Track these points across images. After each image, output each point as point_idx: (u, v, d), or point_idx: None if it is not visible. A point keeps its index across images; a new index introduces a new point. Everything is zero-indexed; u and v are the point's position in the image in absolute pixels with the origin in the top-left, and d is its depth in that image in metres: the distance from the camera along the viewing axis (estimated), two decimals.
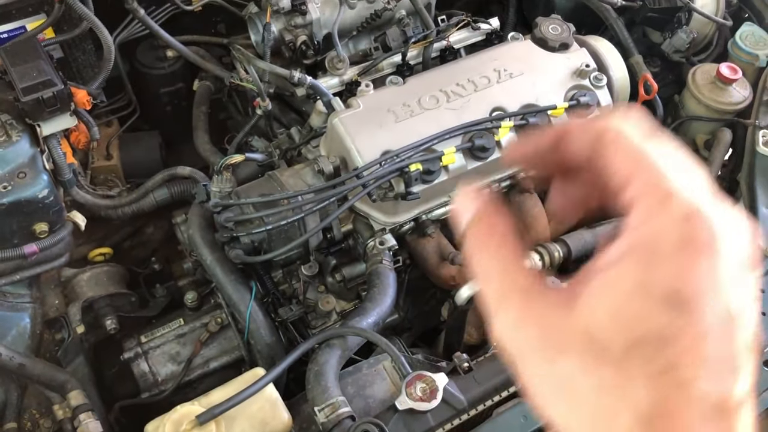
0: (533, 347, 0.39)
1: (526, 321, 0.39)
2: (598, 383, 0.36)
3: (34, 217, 1.44)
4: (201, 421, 1.14)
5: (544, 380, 0.39)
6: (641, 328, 0.36)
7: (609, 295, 0.37)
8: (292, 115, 1.80)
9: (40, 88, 1.41)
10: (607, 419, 0.36)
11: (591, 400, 0.37)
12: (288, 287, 1.59)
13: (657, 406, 0.35)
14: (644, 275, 0.36)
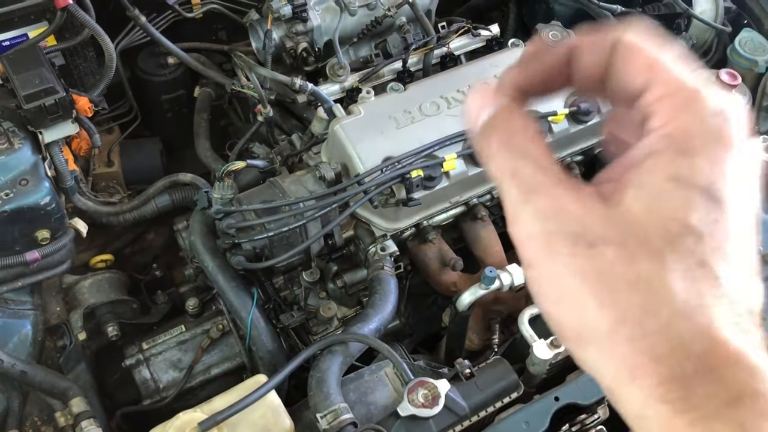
0: (566, 236, 0.37)
1: (560, 209, 0.38)
2: (635, 276, 0.36)
3: (36, 224, 1.44)
4: (203, 429, 1.14)
5: (575, 273, 0.37)
6: (681, 221, 0.36)
7: (647, 188, 0.37)
8: (293, 122, 1.81)
9: (42, 96, 1.42)
10: (641, 315, 0.35)
11: (626, 294, 0.36)
12: (289, 293, 1.59)
13: (691, 302, 0.35)
14: (681, 168, 0.36)
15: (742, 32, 1.90)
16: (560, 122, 1.56)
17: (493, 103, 0.42)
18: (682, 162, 0.37)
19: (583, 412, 1.26)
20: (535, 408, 1.25)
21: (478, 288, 1.40)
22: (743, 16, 2.01)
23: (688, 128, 0.37)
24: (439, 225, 1.58)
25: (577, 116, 1.58)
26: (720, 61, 1.98)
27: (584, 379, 1.29)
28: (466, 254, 1.60)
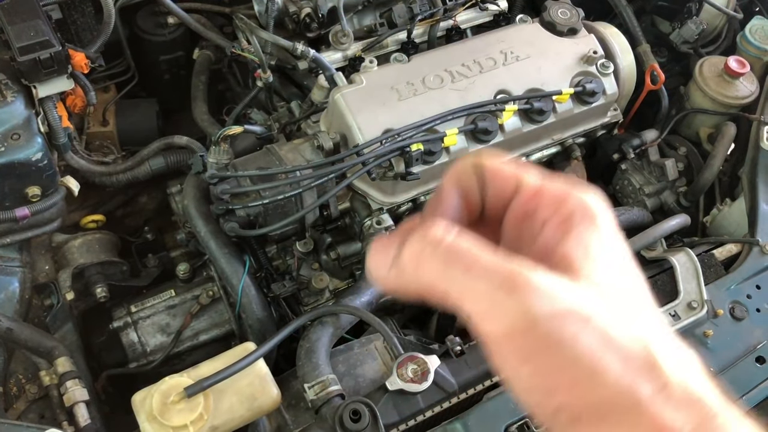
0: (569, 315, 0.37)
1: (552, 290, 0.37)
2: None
3: (27, 180, 1.42)
4: (189, 394, 1.13)
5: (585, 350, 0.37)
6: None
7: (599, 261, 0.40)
8: (292, 89, 1.77)
9: (37, 49, 1.38)
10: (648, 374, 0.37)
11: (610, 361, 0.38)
12: (282, 263, 1.58)
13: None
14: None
15: (753, 20, 1.87)
16: (565, 102, 1.53)
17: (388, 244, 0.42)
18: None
19: None
20: None
21: None
22: (755, 4, 1.98)
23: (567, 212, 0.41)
24: None
25: (582, 97, 1.55)
26: (729, 48, 1.95)
27: None
28: None
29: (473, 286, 0.37)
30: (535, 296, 0.36)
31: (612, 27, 1.75)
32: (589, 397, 0.36)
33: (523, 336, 0.36)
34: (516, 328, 0.36)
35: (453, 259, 0.38)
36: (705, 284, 1.43)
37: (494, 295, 0.37)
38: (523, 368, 0.37)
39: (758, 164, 1.64)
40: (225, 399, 1.17)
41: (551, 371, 0.36)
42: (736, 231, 1.65)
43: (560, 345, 0.36)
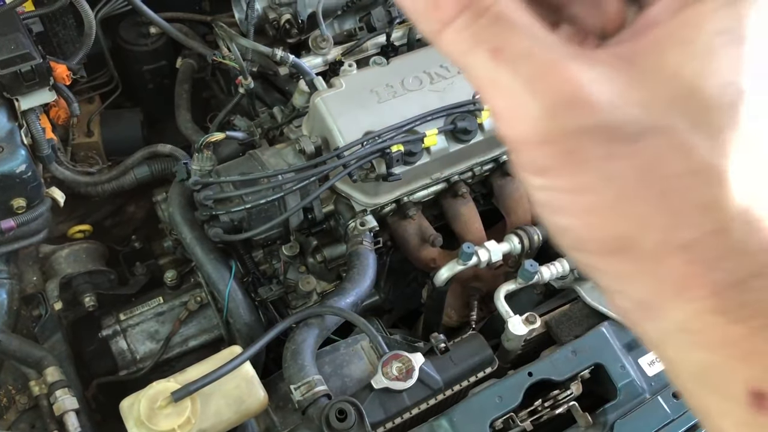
0: (597, 134, 0.28)
1: (585, 99, 0.28)
2: (693, 169, 0.28)
3: (12, 192, 1.43)
4: (176, 398, 1.14)
5: (613, 179, 0.29)
6: (737, 85, 0.28)
7: (695, 45, 0.28)
8: (275, 95, 1.79)
9: (18, 62, 1.39)
10: (698, 216, 0.29)
11: (680, 193, 0.28)
12: (269, 267, 1.59)
13: (751, 190, 0.29)
14: (728, 19, 0.28)
15: None
16: None
17: None
18: (728, 11, 0.28)
19: (556, 387, 1.27)
20: (509, 383, 1.25)
21: (456, 264, 1.40)
22: None
23: None
24: (420, 201, 1.57)
25: None
26: None
27: (558, 355, 1.30)
28: (447, 231, 1.60)
29: (495, 77, 0.29)
30: (566, 100, 0.28)
31: None
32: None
33: (535, 150, 0.29)
34: (531, 139, 0.29)
35: (483, 36, 0.29)
36: None
37: (516, 93, 0.29)
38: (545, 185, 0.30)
39: None
40: (212, 402, 1.18)
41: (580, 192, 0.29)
42: None
43: (583, 167, 0.29)
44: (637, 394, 1.28)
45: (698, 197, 0.28)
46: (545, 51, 0.28)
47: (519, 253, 1.47)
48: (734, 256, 0.28)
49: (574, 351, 1.30)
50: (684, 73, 0.28)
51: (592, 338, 1.32)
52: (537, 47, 0.28)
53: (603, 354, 1.30)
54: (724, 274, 0.29)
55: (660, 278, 0.30)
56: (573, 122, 0.28)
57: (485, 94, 0.30)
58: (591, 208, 0.30)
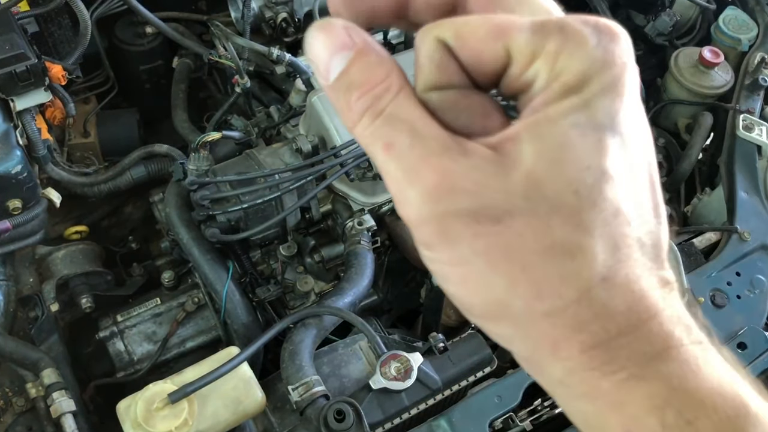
0: (465, 216, 0.32)
1: (452, 186, 0.32)
2: (549, 245, 0.32)
3: (7, 193, 1.42)
4: (173, 400, 1.13)
5: (480, 254, 0.32)
6: (597, 167, 0.32)
7: (552, 139, 0.32)
8: (272, 94, 1.78)
9: (13, 62, 1.38)
10: (559, 286, 0.32)
11: (540, 267, 0.32)
12: (266, 267, 1.58)
13: (610, 260, 0.32)
14: (582, 115, 0.32)
15: (727, 10, 1.89)
16: None
17: (345, 44, 0.34)
18: (581, 104, 0.32)
19: None
20: (508, 382, 1.25)
21: None
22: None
23: (576, 68, 0.32)
24: None
25: None
26: (703, 39, 1.97)
27: None
28: None
29: (386, 168, 0.34)
30: (435, 189, 0.32)
31: None
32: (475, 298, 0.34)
33: (419, 229, 0.34)
34: (414, 221, 0.33)
35: (379, 133, 0.33)
36: (686, 273, 1.45)
37: (400, 182, 0.33)
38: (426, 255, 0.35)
39: (735, 152, 1.66)
40: (209, 404, 1.17)
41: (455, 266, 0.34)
42: (716, 219, 1.67)
43: (455, 244, 0.33)
44: None
45: (557, 270, 0.32)
46: (424, 146, 0.33)
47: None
48: (598, 319, 0.32)
49: None
50: (540, 164, 0.32)
51: None
52: (417, 143, 0.33)
53: None
54: (590, 336, 0.32)
55: (535, 340, 0.34)
56: (443, 207, 0.32)
57: (384, 181, 0.34)
58: (466, 277, 0.34)
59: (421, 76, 0.34)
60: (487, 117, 0.35)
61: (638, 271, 0.33)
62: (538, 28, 0.33)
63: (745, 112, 1.70)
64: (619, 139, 0.32)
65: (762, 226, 1.56)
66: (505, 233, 0.32)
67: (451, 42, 0.33)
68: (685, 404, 0.32)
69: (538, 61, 0.32)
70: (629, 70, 0.33)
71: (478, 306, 0.35)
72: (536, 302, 0.32)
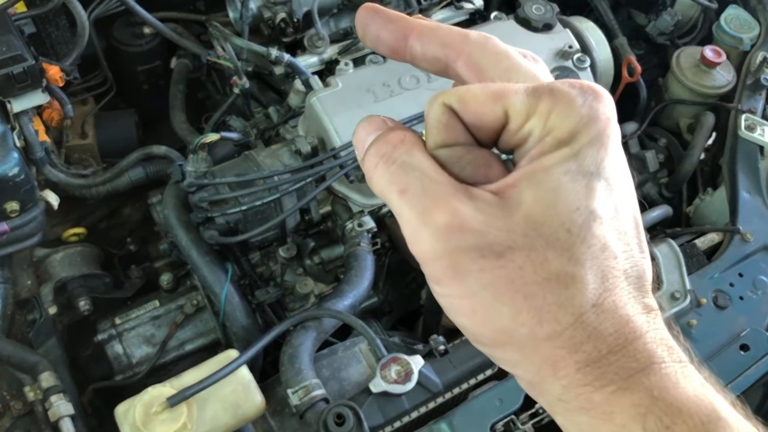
0: (472, 252, 0.37)
1: (460, 224, 0.37)
2: (547, 276, 0.37)
3: (5, 195, 1.41)
4: (172, 403, 1.12)
5: (487, 286, 0.37)
6: (585, 208, 0.37)
7: (548, 185, 0.37)
8: (271, 95, 1.77)
9: (10, 64, 1.37)
10: (557, 312, 0.37)
11: (540, 296, 0.37)
12: (266, 269, 1.57)
13: (599, 288, 0.37)
14: (572, 160, 0.37)
15: (728, 9, 1.88)
16: None
17: (379, 126, 0.42)
18: (571, 155, 0.37)
19: None
20: (509, 385, 1.24)
21: None
22: None
23: (566, 124, 0.38)
24: None
25: None
26: (705, 38, 1.95)
27: None
28: None
29: (401, 212, 0.39)
30: (445, 228, 0.37)
31: (588, 21, 1.76)
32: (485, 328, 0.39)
33: (431, 266, 0.38)
34: (427, 258, 0.38)
35: (394, 179, 0.39)
36: (688, 274, 1.44)
37: (413, 223, 0.38)
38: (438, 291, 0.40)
39: (737, 152, 1.65)
40: (208, 407, 1.16)
41: (462, 300, 0.39)
42: (718, 220, 1.66)
43: (464, 278, 0.38)
44: None
45: (555, 298, 0.37)
46: (435, 191, 0.38)
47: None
48: (590, 340, 0.37)
49: None
50: (537, 209, 0.37)
51: None
52: (429, 188, 0.38)
53: None
54: (584, 355, 0.37)
55: (538, 362, 0.38)
56: (452, 244, 0.37)
57: (399, 222, 0.39)
58: (474, 309, 0.38)
59: (431, 136, 0.40)
60: (489, 167, 0.40)
61: (624, 299, 0.38)
62: (532, 92, 0.38)
63: (747, 112, 1.69)
64: (605, 183, 0.38)
65: (764, 227, 1.54)
66: (508, 267, 0.37)
67: (456, 106, 0.40)
68: (665, 411, 0.36)
69: (533, 120, 0.38)
70: (612, 124, 0.39)
71: (486, 335, 0.39)
72: (538, 327, 0.37)
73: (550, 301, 0.37)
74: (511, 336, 0.38)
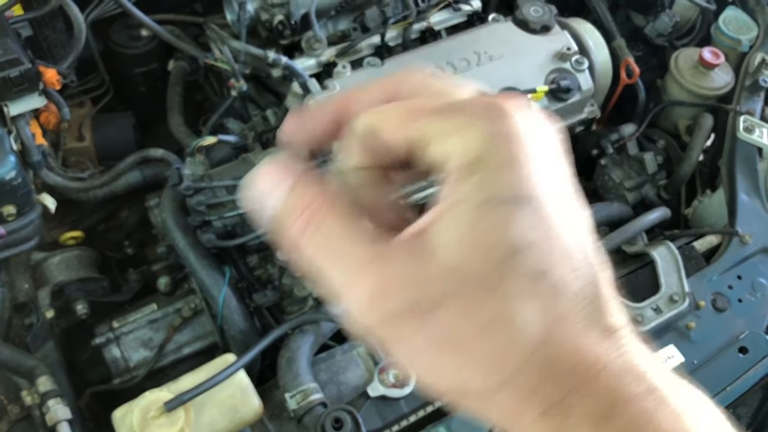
0: (402, 316, 0.34)
1: (385, 292, 0.34)
2: (483, 323, 0.34)
3: (1, 199, 1.40)
4: (169, 408, 1.12)
5: (428, 345, 0.34)
6: (502, 242, 0.33)
7: (459, 224, 0.34)
8: (268, 97, 1.76)
9: (6, 67, 1.37)
10: (503, 359, 0.34)
11: (479, 345, 0.34)
12: (263, 273, 1.57)
13: (545, 322, 0.34)
14: (482, 190, 0.34)
15: (727, 10, 1.88)
16: (540, 100, 1.53)
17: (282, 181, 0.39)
18: (480, 183, 0.34)
19: None
20: None
21: None
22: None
23: (470, 148, 0.35)
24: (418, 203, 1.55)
25: (557, 94, 1.55)
26: (704, 40, 1.95)
27: None
28: None
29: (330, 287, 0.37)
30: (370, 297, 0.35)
31: (586, 23, 1.75)
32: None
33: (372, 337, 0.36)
34: (367, 331, 0.36)
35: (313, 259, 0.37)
36: (686, 277, 1.43)
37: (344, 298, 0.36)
38: None
39: (735, 154, 1.65)
40: (206, 412, 1.16)
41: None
42: (717, 222, 1.66)
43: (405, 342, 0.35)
44: None
45: (497, 343, 0.34)
46: (354, 262, 0.36)
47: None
48: (548, 381, 0.33)
49: None
50: (455, 253, 0.34)
51: None
52: (347, 260, 0.36)
53: None
54: (544, 397, 0.33)
55: (499, 410, 0.35)
56: (381, 310, 0.35)
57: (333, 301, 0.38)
58: (424, 368, 0.36)
59: (349, 157, 0.39)
60: (406, 208, 0.39)
61: (578, 327, 0.34)
62: (441, 110, 0.36)
63: (745, 114, 1.69)
64: (527, 206, 0.34)
65: (763, 229, 1.54)
66: (442, 321, 0.34)
67: (373, 128, 0.37)
68: None
69: (445, 143, 0.35)
70: (531, 138, 0.35)
71: (444, 390, 0.36)
72: (489, 377, 0.34)
73: (493, 347, 0.34)
74: (466, 389, 0.35)
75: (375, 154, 0.38)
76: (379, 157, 0.38)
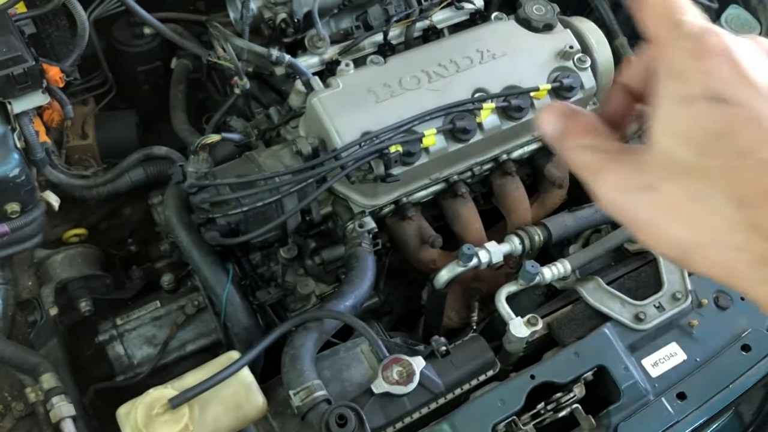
0: (635, 193, 0.46)
1: (623, 180, 0.47)
2: (693, 195, 0.43)
3: (5, 196, 1.41)
4: (173, 405, 1.12)
5: (657, 214, 0.45)
6: (702, 132, 0.43)
7: (664, 119, 0.45)
8: (271, 95, 1.77)
9: (10, 65, 1.37)
10: (711, 219, 0.43)
11: (693, 211, 0.43)
12: (267, 270, 1.57)
13: (743, 191, 0.41)
14: (679, 90, 0.44)
15: (729, 9, 1.88)
16: (543, 98, 1.53)
17: (557, 116, 0.53)
18: (678, 84, 0.44)
19: (559, 390, 1.26)
20: (511, 386, 1.24)
21: (456, 265, 1.38)
22: None
23: (670, 55, 0.46)
24: (419, 202, 1.56)
25: (560, 92, 1.55)
26: None
27: (560, 357, 1.29)
28: (447, 231, 1.58)
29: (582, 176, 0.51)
30: (612, 182, 0.48)
31: (588, 21, 1.75)
32: None
33: (609, 209, 0.49)
34: (604, 205, 0.49)
35: (581, 166, 0.51)
36: (689, 275, 1.44)
37: (594, 185, 0.49)
38: None
39: None
40: (210, 409, 1.16)
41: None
42: None
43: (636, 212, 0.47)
44: (641, 396, 1.27)
45: (701, 210, 0.44)
46: (602, 157, 0.50)
47: (520, 254, 1.45)
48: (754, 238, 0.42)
49: (576, 353, 1.28)
50: (664, 143, 0.45)
51: (595, 340, 1.31)
52: (599, 156, 0.50)
53: (606, 356, 1.29)
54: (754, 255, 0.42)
55: (712, 263, 0.45)
56: (618, 190, 0.48)
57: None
58: (651, 235, 0.48)
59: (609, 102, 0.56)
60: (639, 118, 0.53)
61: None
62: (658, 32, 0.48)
63: None
64: (715, 102, 0.43)
65: None
66: (664, 194, 0.45)
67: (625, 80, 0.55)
68: None
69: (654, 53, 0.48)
70: (720, 51, 0.44)
71: (667, 249, 0.47)
72: (700, 236, 0.44)
73: (703, 212, 0.43)
74: (683, 248, 0.45)
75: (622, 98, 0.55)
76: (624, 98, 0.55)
